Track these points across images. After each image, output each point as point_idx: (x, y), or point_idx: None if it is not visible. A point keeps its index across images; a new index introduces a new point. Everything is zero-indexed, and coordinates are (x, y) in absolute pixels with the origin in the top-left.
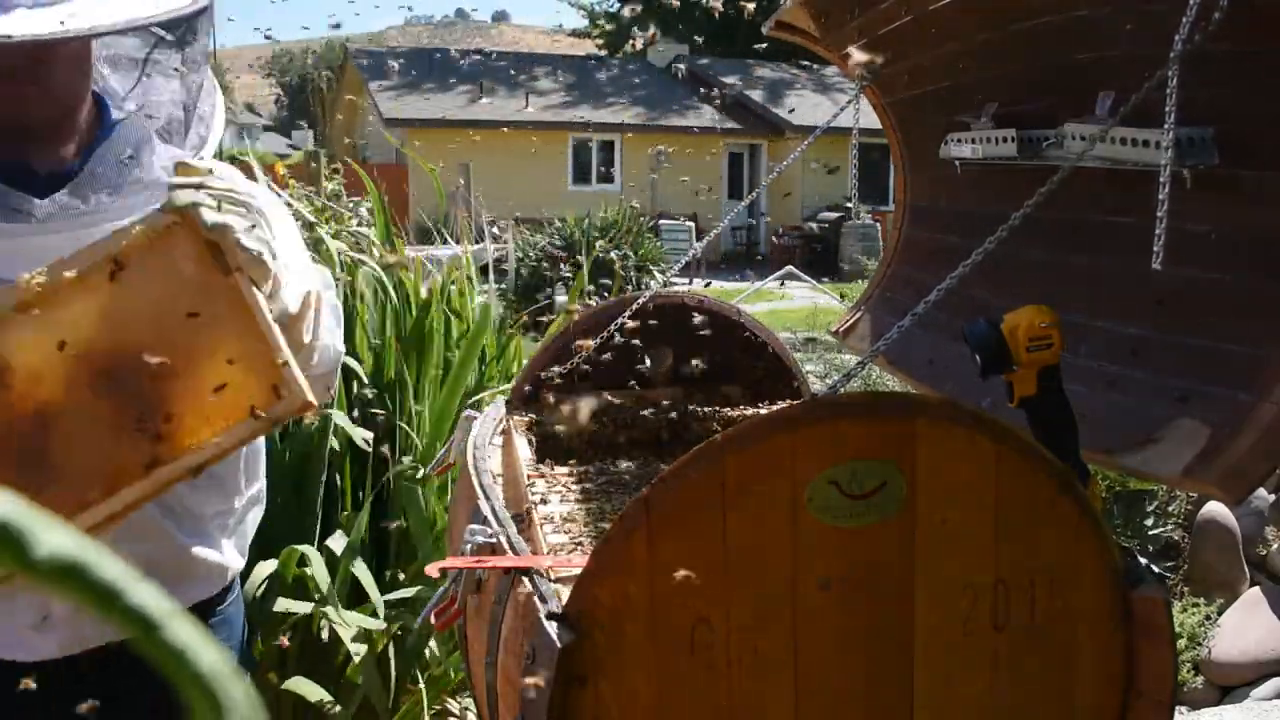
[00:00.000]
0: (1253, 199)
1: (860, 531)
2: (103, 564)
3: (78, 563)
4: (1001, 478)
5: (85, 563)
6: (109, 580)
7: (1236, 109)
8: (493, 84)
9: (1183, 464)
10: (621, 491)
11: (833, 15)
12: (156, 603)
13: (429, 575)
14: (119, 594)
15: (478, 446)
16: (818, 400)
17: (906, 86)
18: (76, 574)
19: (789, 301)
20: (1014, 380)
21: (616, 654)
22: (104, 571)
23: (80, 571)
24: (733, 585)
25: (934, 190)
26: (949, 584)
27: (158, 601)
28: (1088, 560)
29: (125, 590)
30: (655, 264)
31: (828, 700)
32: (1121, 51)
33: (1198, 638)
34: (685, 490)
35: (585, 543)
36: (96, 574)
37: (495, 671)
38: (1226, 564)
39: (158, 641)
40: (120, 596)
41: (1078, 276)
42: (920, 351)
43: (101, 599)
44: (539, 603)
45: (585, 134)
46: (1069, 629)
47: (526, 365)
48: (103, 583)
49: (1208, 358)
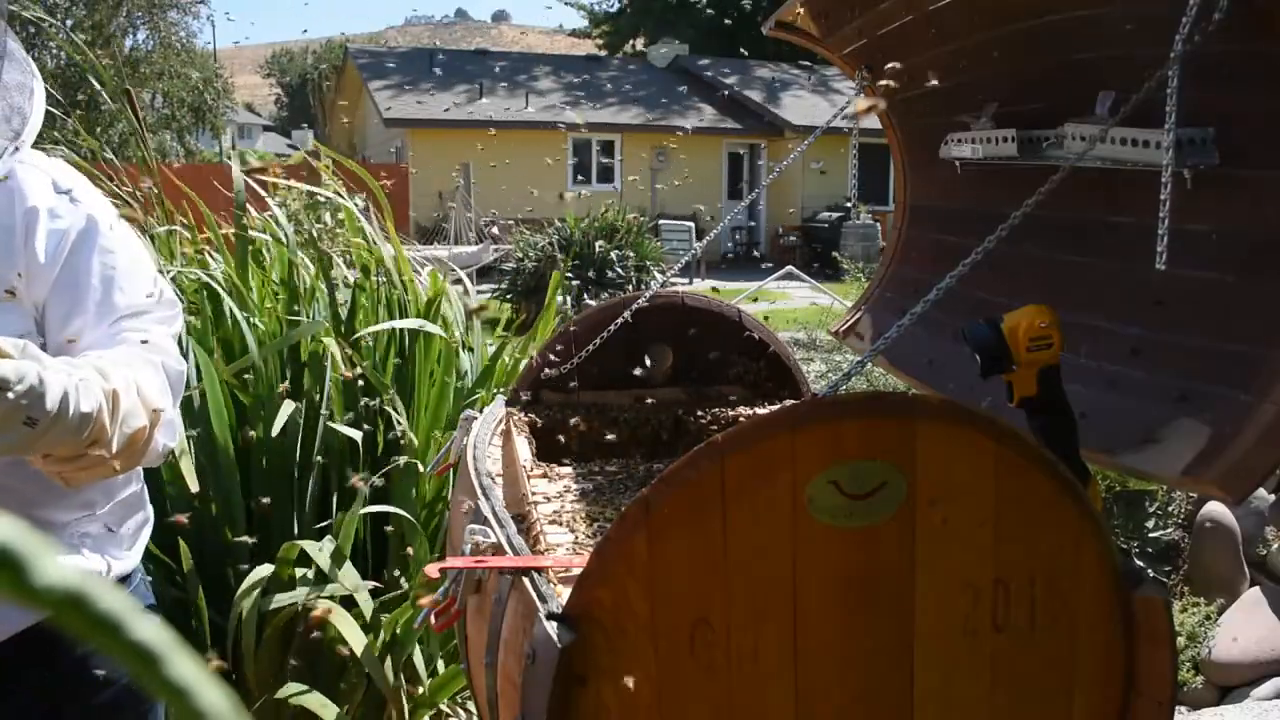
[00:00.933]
0: (1253, 199)
1: (860, 531)
2: (104, 595)
3: (79, 593)
4: (1001, 478)
5: (87, 593)
6: (110, 612)
7: (1236, 109)
8: (493, 84)
9: (1183, 464)
10: (621, 491)
11: (833, 15)
12: (158, 636)
13: (428, 575)
14: (120, 626)
15: (478, 446)
16: (818, 400)
17: (906, 86)
18: (78, 604)
19: (789, 301)
20: (1014, 380)
21: (616, 654)
22: (106, 603)
23: (82, 602)
24: (733, 585)
25: (934, 190)
26: (949, 584)
27: (160, 635)
28: (1088, 560)
29: (127, 623)
30: (655, 264)
31: (827, 700)
32: (1121, 51)
33: (1198, 638)
34: (685, 490)
35: (585, 543)
36: (98, 605)
37: (495, 671)
38: (1226, 564)
39: (159, 676)
40: (122, 629)
41: (1078, 276)
42: (920, 351)
43: (102, 630)
44: (539, 603)
45: (585, 134)
46: (1069, 629)
47: (526, 365)
48: (104, 614)
49: (1208, 358)
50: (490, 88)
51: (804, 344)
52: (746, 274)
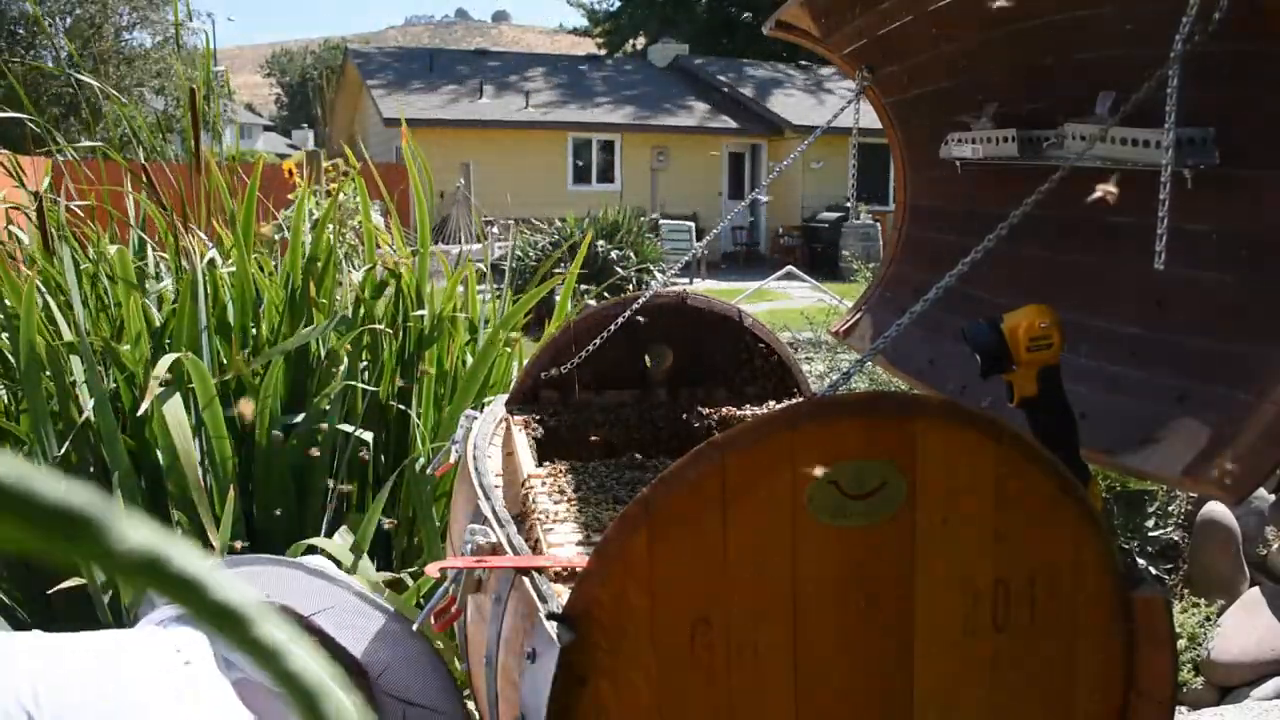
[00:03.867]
0: (1253, 199)
1: (860, 531)
2: (186, 557)
3: (160, 555)
4: (1001, 478)
5: (168, 555)
6: (194, 573)
7: (1236, 109)
8: (492, 84)
9: (1183, 464)
10: (622, 491)
11: (833, 15)
12: (243, 597)
13: (429, 575)
14: (204, 587)
15: (478, 446)
16: (818, 400)
17: (906, 86)
18: (159, 566)
19: (789, 301)
20: (1014, 380)
21: (616, 654)
22: (188, 564)
23: (163, 564)
24: (733, 585)
25: (934, 190)
26: (949, 584)
27: (244, 595)
28: (1088, 560)
29: (211, 584)
30: (655, 264)
31: (828, 700)
32: (1121, 51)
33: (1198, 638)
34: (685, 490)
35: (585, 542)
36: (178, 567)
37: (495, 671)
38: (1226, 564)
39: (247, 637)
40: (206, 590)
41: (1078, 276)
42: (920, 351)
43: (184, 592)
44: (539, 603)
45: (585, 134)
46: (1069, 629)
47: (526, 365)
48: (185, 575)
49: (1208, 358)
50: (490, 87)
51: (804, 344)
52: (747, 274)
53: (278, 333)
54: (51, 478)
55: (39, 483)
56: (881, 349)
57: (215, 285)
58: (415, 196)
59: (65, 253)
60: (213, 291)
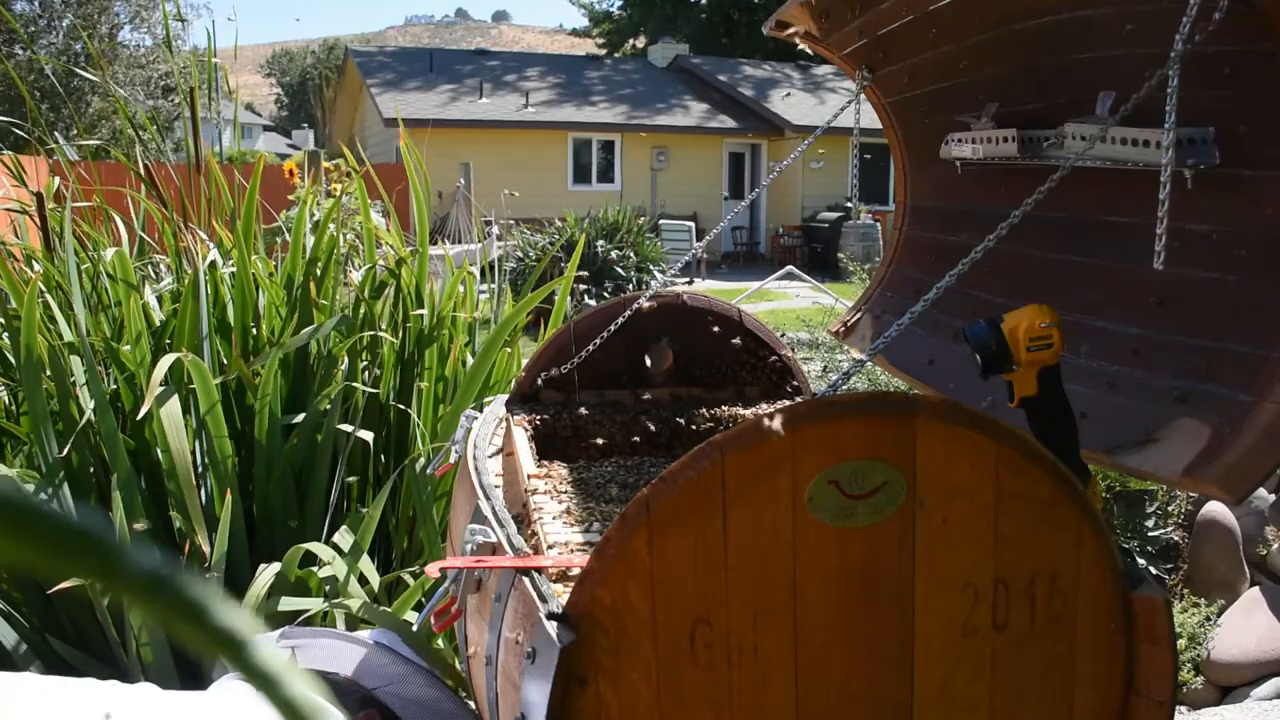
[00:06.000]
0: (1253, 199)
1: (860, 531)
2: (189, 582)
3: (165, 579)
4: (1001, 478)
5: (172, 579)
6: (196, 598)
7: (1236, 109)
8: (492, 84)
9: (1183, 464)
10: (622, 491)
11: (833, 15)
12: (243, 623)
13: (429, 575)
14: (205, 613)
15: (478, 446)
16: (818, 400)
17: (906, 86)
18: (163, 590)
19: (789, 301)
20: (1014, 380)
21: (616, 654)
22: (191, 589)
23: (166, 588)
24: (733, 585)
25: (934, 190)
26: (949, 584)
27: (244, 622)
28: (1088, 560)
29: (212, 610)
30: (655, 264)
31: (828, 700)
32: (1121, 51)
33: (1198, 638)
34: (685, 490)
35: (585, 542)
36: (183, 591)
37: (495, 671)
38: (1226, 564)
39: (245, 661)
40: (207, 616)
41: (1078, 276)
42: (920, 351)
43: (188, 616)
44: (539, 603)
45: (585, 133)
46: (1069, 629)
47: (527, 365)
48: (189, 600)
49: (1208, 358)
50: (490, 87)
51: (804, 343)
52: (747, 274)
53: (278, 333)
54: (55, 504)
55: (43, 506)
56: (881, 349)
57: (216, 285)
58: (414, 196)
59: (68, 253)
60: (213, 291)
